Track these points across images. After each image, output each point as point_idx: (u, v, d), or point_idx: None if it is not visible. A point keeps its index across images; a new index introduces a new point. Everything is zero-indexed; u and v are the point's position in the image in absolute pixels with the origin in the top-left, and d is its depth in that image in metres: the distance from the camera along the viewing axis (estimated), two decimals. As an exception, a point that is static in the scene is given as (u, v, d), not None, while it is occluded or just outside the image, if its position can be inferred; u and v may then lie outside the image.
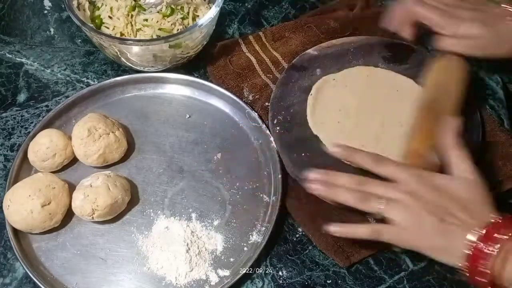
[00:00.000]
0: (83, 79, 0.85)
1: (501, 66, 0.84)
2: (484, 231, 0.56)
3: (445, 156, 0.64)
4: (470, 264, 0.56)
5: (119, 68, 0.86)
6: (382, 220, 0.61)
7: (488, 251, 0.56)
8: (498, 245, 0.55)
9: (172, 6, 0.83)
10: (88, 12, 0.83)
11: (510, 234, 0.56)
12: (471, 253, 0.56)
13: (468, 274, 0.57)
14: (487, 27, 0.74)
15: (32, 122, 0.80)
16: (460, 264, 0.57)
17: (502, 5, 0.75)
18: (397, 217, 0.60)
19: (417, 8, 0.77)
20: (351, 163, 0.68)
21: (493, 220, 0.57)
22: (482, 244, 0.56)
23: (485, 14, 0.75)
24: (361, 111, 0.77)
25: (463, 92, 0.74)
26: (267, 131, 0.76)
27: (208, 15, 0.77)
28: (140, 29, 0.83)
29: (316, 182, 0.65)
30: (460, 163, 0.62)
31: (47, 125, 0.77)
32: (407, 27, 0.79)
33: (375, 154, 0.66)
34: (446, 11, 0.76)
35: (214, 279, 0.66)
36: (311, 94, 0.78)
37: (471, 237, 0.57)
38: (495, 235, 0.56)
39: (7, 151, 0.78)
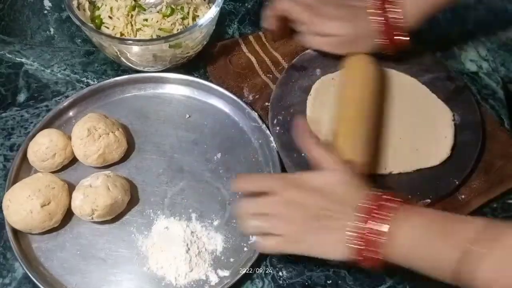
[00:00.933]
0: (83, 79, 0.85)
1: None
2: (357, 216, 0.57)
3: (309, 155, 0.64)
4: (357, 253, 0.57)
5: (119, 68, 0.86)
6: None
7: (369, 235, 0.56)
8: (378, 225, 0.55)
9: (172, 6, 0.83)
10: (88, 12, 0.82)
11: (387, 214, 0.56)
12: (353, 241, 0.56)
13: (361, 262, 0.57)
14: (347, 24, 0.75)
15: (32, 122, 0.80)
16: (350, 256, 0.57)
17: (366, 0, 0.75)
18: (282, 231, 0.60)
19: (283, 4, 0.78)
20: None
21: (363, 204, 0.57)
22: (361, 228, 0.56)
23: (347, 11, 0.76)
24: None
25: (374, 88, 0.74)
26: (267, 131, 0.76)
27: (208, 15, 0.77)
28: (140, 29, 0.83)
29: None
30: (323, 159, 0.62)
31: (47, 125, 0.77)
32: (272, 19, 0.81)
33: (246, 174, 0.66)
34: (310, 7, 0.77)
35: (214, 279, 0.66)
36: (311, 94, 0.78)
37: (350, 224, 0.57)
38: (377, 218, 0.56)
39: (6, 151, 0.78)
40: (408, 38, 0.74)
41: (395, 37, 0.74)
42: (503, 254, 0.51)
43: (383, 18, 0.73)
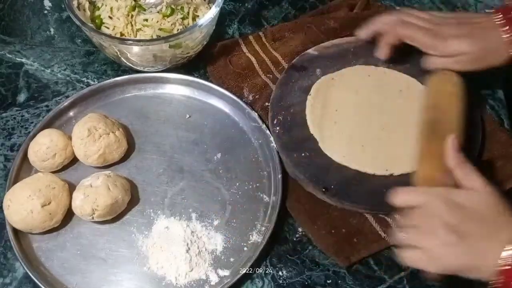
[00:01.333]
0: (83, 79, 0.85)
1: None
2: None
3: (457, 174, 0.63)
4: (505, 279, 0.55)
5: (119, 68, 0.86)
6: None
7: None
8: None
9: (172, 6, 0.83)
10: (88, 12, 0.83)
11: None
12: (504, 268, 0.55)
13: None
14: (475, 40, 0.73)
15: (32, 122, 0.80)
16: (494, 279, 0.56)
17: (490, 14, 0.73)
18: (427, 245, 0.59)
19: (402, 29, 0.76)
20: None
21: None
22: None
23: (471, 27, 0.74)
24: (362, 111, 0.77)
25: (462, 107, 0.72)
26: (267, 131, 0.76)
27: (208, 15, 0.77)
28: (140, 29, 0.83)
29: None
30: (470, 179, 0.61)
31: (47, 125, 0.77)
32: (386, 48, 0.78)
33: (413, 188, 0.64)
34: (431, 30, 0.75)
35: (214, 279, 0.67)
36: (310, 94, 0.78)
37: (504, 252, 0.55)
38: None
39: (7, 151, 0.78)
40: None
41: None
42: None
43: (508, 28, 0.71)
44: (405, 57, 0.82)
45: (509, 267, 0.55)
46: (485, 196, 0.60)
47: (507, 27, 0.71)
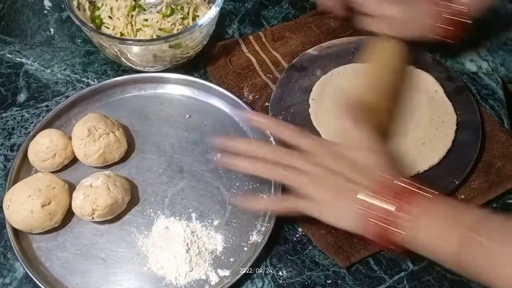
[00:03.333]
0: (83, 79, 0.85)
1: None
2: (377, 193, 0.59)
3: (350, 130, 0.65)
4: (374, 227, 0.58)
5: (119, 68, 0.86)
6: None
7: (386, 216, 0.57)
8: (399, 212, 0.57)
9: (172, 6, 0.83)
10: (88, 12, 0.83)
11: (410, 200, 0.57)
12: (373, 218, 0.58)
13: (374, 238, 0.59)
14: (407, 6, 0.76)
15: (32, 122, 0.80)
16: (357, 227, 0.60)
17: None
18: (306, 190, 0.62)
19: None
20: (272, 135, 0.70)
21: (388, 182, 0.59)
22: (383, 204, 0.58)
23: None
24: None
25: (402, 71, 0.75)
26: (267, 131, 0.76)
27: (208, 15, 0.77)
28: (140, 29, 0.83)
29: (226, 153, 0.67)
30: (364, 137, 0.64)
31: (47, 125, 0.77)
32: (337, 6, 0.82)
33: (294, 127, 0.67)
34: None
35: (214, 279, 0.66)
36: (313, 99, 0.78)
37: (367, 196, 0.59)
38: (392, 200, 0.58)
39: (7, 151, 0.78)
40: (470, 23, 0.74)
41: (456, 22, 0.75)
42: (500, 243, 0.53)
43: (446, 2, 0.74)
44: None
45: (367, 214, 0.58)
46: (368, 152, 0.63)
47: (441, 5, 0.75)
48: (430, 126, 0.75)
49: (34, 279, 0.65)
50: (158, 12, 0.83)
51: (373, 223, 0.58)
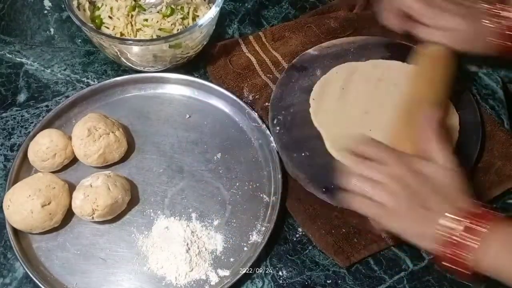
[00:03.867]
0: (83, 79, 0.85)
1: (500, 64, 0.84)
2: (459, 218, 0.58)
3: (426, 147, 0.65)
4: (442, 249, 0.58)
5: (119, 68, 0.86)
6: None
7: (464, 241, 0.57)
8: (475, 237, 0.57)
9: (172, 6, 0.83)
10: (88, 12, 0.83)
11: (488, 226, 0.57)
12: (444, 238, 0.58)
13: (441, 260, 0.59)
14: (468, 22, 0.75)
15: (32, 122, 0.80)
16: (432, 248, 0.59)
17: (484, 4, 0.76)
18: (386, 201, 0.61)
19: (405, 0, 0.78)
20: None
21: (466, 206, 0.59)
22: (458, 231, 0.57)
23: (467, 10, 0.76)
24: (368, 105, 0.77)
25: (450, 81, 0.74)
26: (267, 131, 0.76)
27: (208, 15, 0.77)
28: (140, 29, 0.83)
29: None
30: (440, 155, 0.63)
31: (47, 125, 0.77)
32: (393, 18, 0.81)
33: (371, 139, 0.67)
34: (433, 2, 0.77)
35: (214, 279, 0.67)
36: (313, 98, 0.78)
37: (445, 221, 0.58)
38: (473, 225, 0.57)
39: (7, 151, 0.78)
40: None
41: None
42: None
43: (501, 20, 0.74)
44: (405, 57, 0.82)
45: (446, 237, 0.58)
46: (448, 171, 0.62)
47: (495, 18, 0.74)
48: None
49: (34, 279, 0.65)
50: (158, 12, 0.83)
51: (448, 245, 0.58)
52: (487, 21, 0.74)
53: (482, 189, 0.72)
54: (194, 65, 0.85)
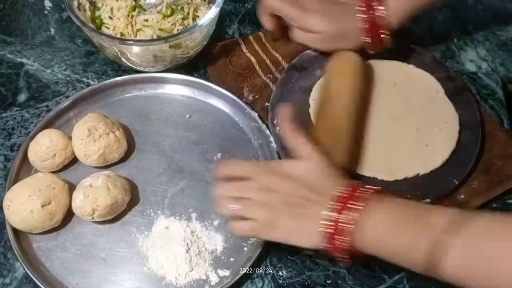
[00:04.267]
0: (83, 79, 0.85)
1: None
2: (332, 205, 0.57)
3: (288, 143, 0.64)
4: (329, 241, 0.57)
5: (119, 68, 0.86)
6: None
7: (341, 225, 0.56)
8: (351, 215, 0.56)
9: (172, 6, 0.83)
10: (89, 13, 0.83)
11: (361, 205, 0.56)
12: (326, 230, 0.57)
13: (332, 252, 0.58)
14: (333, 19, 0.75)
15: (32, 122, 0.80)
16: (321, 244, 0.58)
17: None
18: (257, 216, 0.60)
19: (271, 1, 0.79)
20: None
21: (338, 193, 0.58)
22: (334, 217, 0.57)
23: (335, 7, 0.76)
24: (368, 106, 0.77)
25: (355, 85, 0.74)
26: (267, 131, 0.76)
27: (208, 15, 0.77)
28: (140, 29, 0.83)
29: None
30: (300, 147, 0.62)
31: (47, 125, 0.77)
32: (266, 18, 0.81)
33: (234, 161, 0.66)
34: (296, 1, 0.77)
35: (214, 279, 0.67)
36: (312, 98, 0.78)
37: (324, 213, 0.57)
38: (347, 209, 0.56)
39: (7, 151, 0.78)
40: (389, 37, 0.75)
41: (376, 36, 0.75)
42: (470, 244, 0.51)
43: (368, 16, 0.74)
44: (406, 57, 0.82)
45: (331, 228, 0.57)
46: (311, 163, 0.61)
47: (363, 14, 0.74)
48: (433, 127, 0.75)
49: (34, 279, 0.66)
50: (158, 12, 0.83)
51: (330, 237, 0.57)
52: (355, 17, 0.74)
53: (483, 189, 0.72)
54: (194, 65, 0.85)
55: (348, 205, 0.57)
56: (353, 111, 0.72)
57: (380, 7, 0.74)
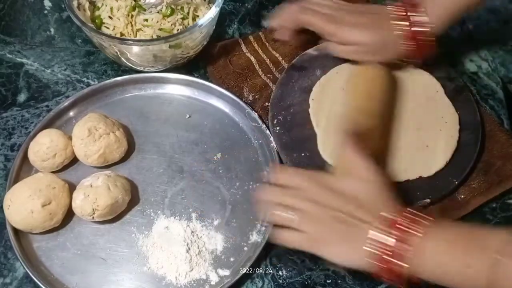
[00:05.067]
0: (83, 79, 0.85)
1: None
2: (384, 227, 0.56)
3: (343, 159, 0.64)
4: (380, 263, 0.56)
5: (119, 68, 0.86)
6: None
7: (398, 249, 0.55)
8: (407, 245, 0.55)
9: (172, 6, 0.83)
10: (88, 12, 0.83)
11: (420, 232, 0.56)
12: (377, 251, 0.56)
13: (383, 274, 0.57)
14: (373, 31, 0.73)
15: (32, 122, 0.80)
16: (372, 265, 0.57)
17: (388, 7, 0.74)
18: (308, 230, 0.59)
19: (301, 15, 0.76)
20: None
21: (392, 217, 0.57)
22: (387, 240, 0.56)
23: (372, 18, 0.74)
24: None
25: (387, 97, 0.73)
26: (267, 131, 0.76)
27: (208, 15, 0.77)
28: (140, 29, 0.83)
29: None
30: (360, 166, 0.61)
31: (47, 125, 0.77)
32: (287, 33, 0.79)
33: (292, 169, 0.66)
34: (330, 15, 0.75)
35: (214, 278, 0.67)
36: (313, 99, 0.78)
37: (372, 234, 0.57)
38: (404, 234, 0.56)
39: (7, 151, 0.78)
40: (434, 42, 0.72)
41: (420, 42, 0.72)
42: None
43: (407, 23, 0.72)
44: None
45: (379, 251, 0.56)
46: (370, 185, 0.60)
47: (400, 21, 0.72)
48: (433, 127, 0.75)
49: (35, 279, 0.66)
50: (158, 12, 0.83)
51: (382, 260, 0.56)
52: (394, 25, 0.72)
53: (482, 189, 0.72)
54: (194, 65, 0.85)
55: (400, 228, 0.56)
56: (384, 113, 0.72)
57: (418, 13, 0.71)
